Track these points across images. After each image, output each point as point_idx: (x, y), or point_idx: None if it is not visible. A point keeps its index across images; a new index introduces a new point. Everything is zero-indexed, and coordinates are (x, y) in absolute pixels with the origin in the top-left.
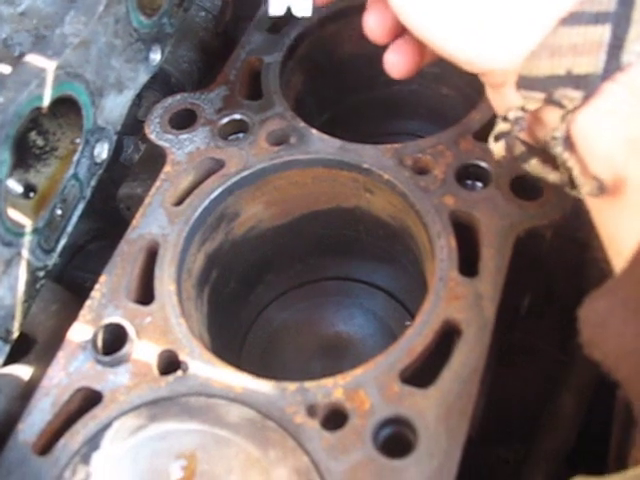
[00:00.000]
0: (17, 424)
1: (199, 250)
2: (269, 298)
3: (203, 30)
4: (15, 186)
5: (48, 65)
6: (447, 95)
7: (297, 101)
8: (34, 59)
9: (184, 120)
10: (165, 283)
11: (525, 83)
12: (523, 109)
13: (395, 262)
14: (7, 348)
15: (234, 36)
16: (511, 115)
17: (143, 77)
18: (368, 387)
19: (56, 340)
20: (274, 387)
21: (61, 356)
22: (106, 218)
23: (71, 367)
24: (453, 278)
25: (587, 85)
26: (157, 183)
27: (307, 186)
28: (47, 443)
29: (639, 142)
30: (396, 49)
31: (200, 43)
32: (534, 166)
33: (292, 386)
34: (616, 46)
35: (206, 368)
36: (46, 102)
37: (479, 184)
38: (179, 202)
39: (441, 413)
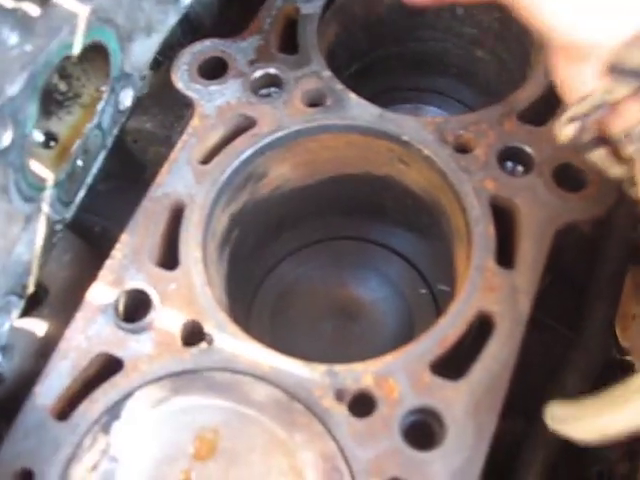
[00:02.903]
0: (34, 386)
1: (224, 211)
2: (283, 254)
3: None
4: (36, 134)
5: (80, 9)
6: (481, 58)
7: (328, 52)
8: (64, 1)
9: (214, 69)
10: (191, 248)
11: (618, 69)
12: (609, 94)
13: (417, 231)
14: (22, 303)
15: None
16: (592, 100)
17: (172, 19)
18: (398, 375)
19: (69, 292)
20: (303, 367)
21: (80, 318)
22: (113, 154)
23: (90, 330)
24: (489, 268)
25: None
26: (183, 137)
27: (339, 150)
28: (65, 408)
29: None
30: None
31: None
32: (599, 156)
33: (321, 368)
34: None
35: (232, 342)
36: (77, 50)
37: (520, 168)
38: (207, 160)
39: (470, 407)
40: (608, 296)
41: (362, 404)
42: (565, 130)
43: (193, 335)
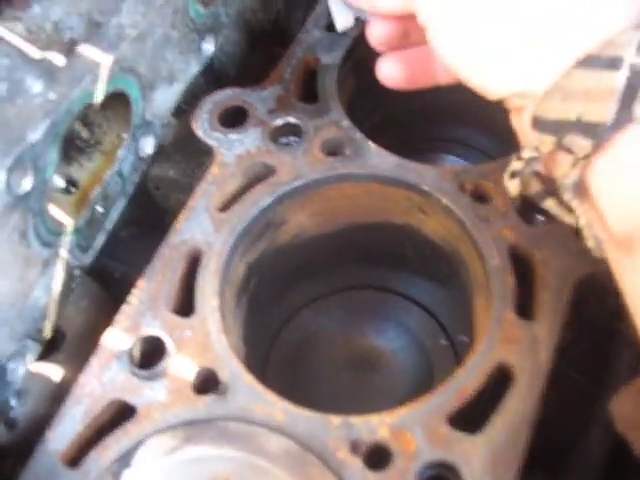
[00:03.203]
0: (46, 431)
1: (241, 259)
2: (302, 303)
3: (251, 12)
4: (57, 180)
5: (103, 59)
6: (501, 107)
7: (348, 103)
8: (88, 51)
9: (234, 118)
10: (207, 296)
11: (538, 124)
12: (537, 149)
13: (437, 281)
14: (38, 348)
15: (285, 25)
16: (525, 154)
17: (194, 68)
18: (414, 428)
19: (86, 337)
20: (317, 419)
21: (94, 363)
22: (135, 200)
23: (105, 376)
24: (509, 319)
25: (596, 135)
26: (202, 185)
27: (358, 198)
28: (77, 455)
29: None
30: (396, 59)
31: (246, 25)
32: (550, 206)
33: (336, 420)
34: (629, 96)
35: (247, 391)
36: (98, 99)
37: (541, 218)
38: (225, 208)
39: (488, 462)
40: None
41: (378, 457)
42: (510, 186)
43: (207, 383)
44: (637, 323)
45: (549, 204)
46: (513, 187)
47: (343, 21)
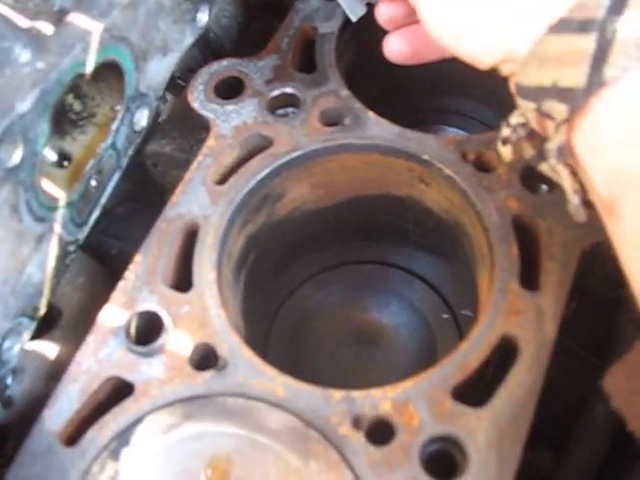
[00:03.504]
0: (43, 410)
1: (240, 233)
2: (303, 277)
3: None
4: (49, 154)
5: (94, 27)
6: (505, 79)
7: (347, 73)
8: (78, 19)
9: (230, 89)
10: (205, 270)
11: (520, 91)
12: (524, 115)
13: (439, 254)
14: (33, 325)
15: None
16: (513, 120)
17: (189, 39)
18: (418, 402)
19: (82, 315)
20: (319, 393)
21: (91, 340)
22: (133, 177)
23: (101, 353)
24: (513, 290)
25: (571, 99)
26: (199, 158)
27: (358, 170)
28: (74, 433)
29: (621, 171)
30: (402, 35)
31: None
32: (545, 169)
33: (338, 394)
34: (600, 59)
35: (246, 367)
36: (89, 68)
37: (544, 187)
38: (222, 180)
39: (493, 436)
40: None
41: (380, 432)
42: (502, 152)
43: (206, 359)
44: (633, 289)
45: (544, 168)
46: (506, 153)
47: (357, 11)
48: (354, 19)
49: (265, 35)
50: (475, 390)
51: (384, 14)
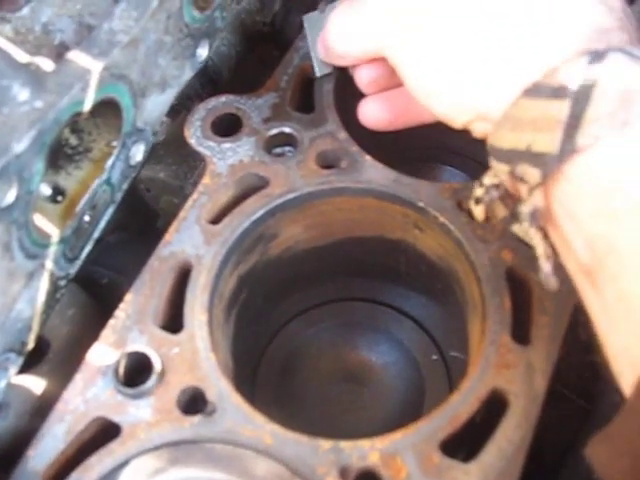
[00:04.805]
0: (27, 449)
1: (232, 273)
2: (293, 314)
3: (247, 13)
4: (44, 188)
5: (93, 66)
6: None
7: (344, 112)
8: (78, 57)
9: (228, 126)
10: (196, 311)
11: (493, 153)
12: (497, 177)
13: (431, 296)
14: (21, 360)
15: (282, 28)
16: (486, 181)
17: (188, 74)
18: (406, 454)
19: (71, 348)
20: (306, 442)
21: (79, 379)
22: (124, 202)
23: (89, 393)
24: (505, 344)
25: (544, 164)
26: (194, 196)
27: (352, 213)
28: (58, 474)
29: (599, 238)
30: (378, 100)
31: (242, 27)
32: (518, 231)
33: (326, 444)
34: (573, 126)
35: (234, 412)
36: (87, 107)
37: None
38: (217, 220)
39: None
40: None
41: None
42: (475, 212)
43: (194, 403)
44: (607, 354)
45: (516, 229)
46: (478, 212)
47: (323, 69)
48: (318, 75)
49: (264, 64)
50: (464, 443)
51: (365, 77)
